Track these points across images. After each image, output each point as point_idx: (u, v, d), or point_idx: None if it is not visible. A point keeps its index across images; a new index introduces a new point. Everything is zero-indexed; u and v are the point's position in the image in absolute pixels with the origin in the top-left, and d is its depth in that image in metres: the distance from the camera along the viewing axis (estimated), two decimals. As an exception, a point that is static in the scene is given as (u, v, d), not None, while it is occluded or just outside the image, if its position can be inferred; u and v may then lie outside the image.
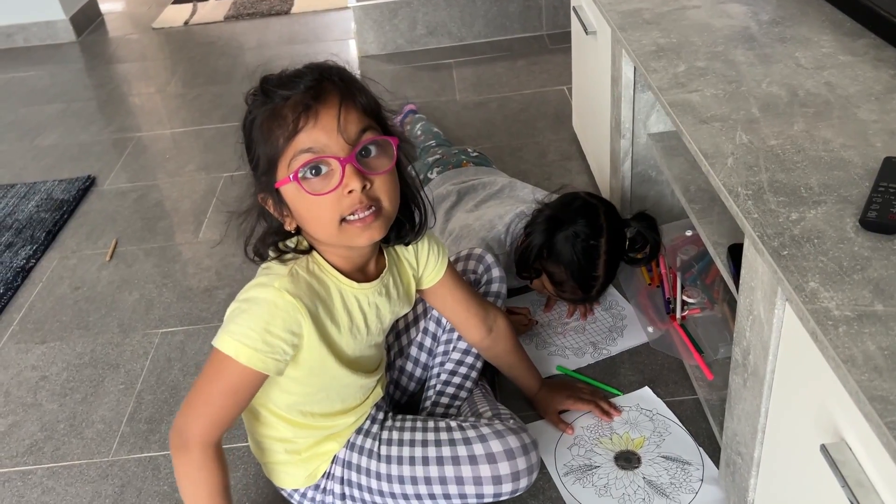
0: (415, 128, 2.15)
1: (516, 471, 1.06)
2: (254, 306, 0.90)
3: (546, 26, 2.96)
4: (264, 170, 0.89)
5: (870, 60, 1.15)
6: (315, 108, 0.85)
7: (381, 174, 0.89)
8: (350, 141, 0.86)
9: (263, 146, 0.88)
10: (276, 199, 0.91)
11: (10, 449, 1.42)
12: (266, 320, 0.90)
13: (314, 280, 0.95)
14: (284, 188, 0.89)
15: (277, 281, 0.91)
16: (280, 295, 0.90)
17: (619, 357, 1.45)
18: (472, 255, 1.32)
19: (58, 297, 1.82)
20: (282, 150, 0.86)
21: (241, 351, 0.89)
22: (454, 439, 1.08)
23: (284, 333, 0.91)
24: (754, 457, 0.98)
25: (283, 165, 0.87)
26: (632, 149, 1.57)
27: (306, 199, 0.88)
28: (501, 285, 1.32)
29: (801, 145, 0.98)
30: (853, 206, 0.85)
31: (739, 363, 0.99)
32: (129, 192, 2.23)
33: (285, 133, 0.85)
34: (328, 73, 0.89)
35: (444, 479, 1.07)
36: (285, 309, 0.90)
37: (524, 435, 1.09)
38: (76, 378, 1.57)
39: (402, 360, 1.30)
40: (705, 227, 1.20)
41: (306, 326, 0.93)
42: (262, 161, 0.89)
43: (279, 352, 0.91)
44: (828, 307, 0.72)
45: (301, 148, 0.85)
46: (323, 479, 1.12)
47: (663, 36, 1.33)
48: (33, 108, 2.88)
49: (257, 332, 0.89)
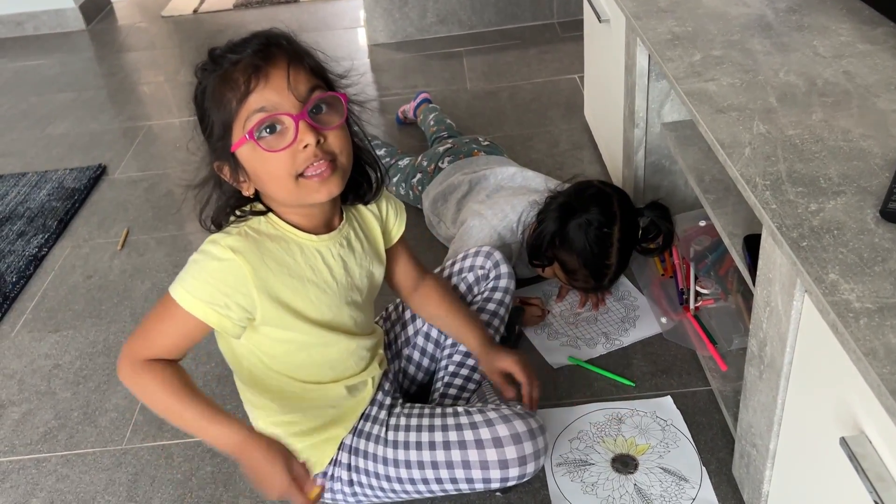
0: (427, 118, 2.14)
1: (523, 455, 1.05)
2: (202, 259, 0.93)
3: (557, 14, 2.94)
4: (219, 135, 0.91)
5: (889, 49, 1.14)
6: (265, 68, 0.87)
7: (333, 129, 0.92)
8: (301, 98, 0.89)
9: (217, 112, 0.90)
10: (233, 164, 0.93)
11: (25, 436, 1.43)
12: (210, 273, 0.92)
13: (266, 238, 0.96)
14: (240, 151, 0.91)
15: (225, 238, 0.93)
16: (223, 252, 0.92)
17: (631, 348, 1.44)
18: (482, 252, 1.33)
19: (70, 285, 1.83)
20: (235, 112, 0.88)
21: (185, 298, 0.92)
22: (461, 424, 1.08)
23: (226, 287, 0.92)
24: (770, 449, 0.97)
25: (238, 127, 0.89)
26: (645, 138, 1.56)
27: (263, 158, 0.89)
28: (510, 281, 1.32)
29: (820, 135, 0.97)
30: (873, 197, 0.84)
31: (755, 355, 0.99)
32: (139, 181, 2.24)
33: (237, 95, 0.87)
34: (274, 37, 0.91)
35: (451, 463, 1.07)
36: (228, 264, 0.93)
37: (531, 420, 1.08)
38: (89, 366, 1.58)
39: (409, 349, 1.30)
40: (720, 217, 1.19)
41: (251, 282, 0.93)
42: (216, 127, 0.91)
43: (221, 305, 0.92)
44: (848, 299, 0.72)
45: (254, 108, 0.87)
46: (330, 466, 1.12)
47: (679, 24, 1.32)
48: (44, 96, 2.88)
49: (201, 282, 0.92)
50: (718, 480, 1.18)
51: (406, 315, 1.31)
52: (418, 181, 1.81)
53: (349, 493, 1.14)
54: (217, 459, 1.33)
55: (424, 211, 1.77)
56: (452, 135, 2.02)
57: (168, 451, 1.36)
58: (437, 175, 1.76)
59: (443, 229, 1.69)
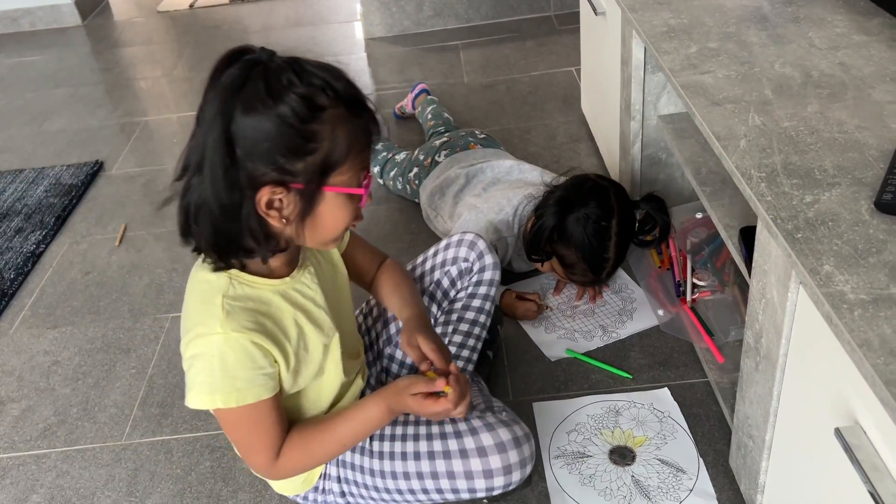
0: (425, 111, 2.14)
1: (507, 464, 1.03)
2: (210, 360, 0.88)
3: (554, 7, 2.94)
4: (316, 168, 0.83)
5: (885, 40, 1.14)
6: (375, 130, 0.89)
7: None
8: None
9: (330, 146, 0.83)
10: (307, 198, 0.85)
11: (25, 433, 1.43)
12: (230, 365, 0.89)
13: (249, 302, 0.91)
14: (329, 193, 0.86)
15: (218, 325, 0.88)
16: (227, 338, 0.88)
17: (628, 340, 1.45)
18: (464, 241, 1.25)
19: (68, 282, 1.83)
20: (348, 160, 0.85)
21: (229, 398, 0.90)
22: (445, 433, 1.06)
23: (253, 363, 0.90)
24: (766, 440, 0.98)
25: (346, 174, 0.86)
26: (642, 131, 1.56)
27: (346, 207, 0.89)
28: (495, 272, 1.26)
29: (815, 127, 0.97)
30: (868, 189, 0.85)
31: (752, 347, 0.99)
32: (137, 177, 2.24)
33: (358, 148, 0.87)
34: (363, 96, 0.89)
35: (436, 473, 1.06)
36: (241, 347, 0.89)
37: (516, 427, 1.07)
38: (88, 363, 1.58)
39: (390, 348, 1.26)
40: (717, 209, 1.19)
41: (268, 344, 0.91)
42: (317, 158, 0.83)
43: (260, 379, 0.91)
44: (843, 290, 0.72)
45: (366, 164, 0.90)
46: (320, 480, 1.12)
47: (674, 16, 1.31)
48: (40, 92, 2.87)
49: (229, 377, 0.89)
50: (715, 471, 1.18)
51: (387, 313, 1.27)
52: (415, 175, 1.81)
53: (342, 503, 1.14)
54: (216, 455, 1.33)
55: (422, 205, 1.77)
56: (449, 129, 2.02)
57: (167, 446, 1.36)
58: (434, 169, 1.76)
59: (440, 223, 1.69)
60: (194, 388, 0.90)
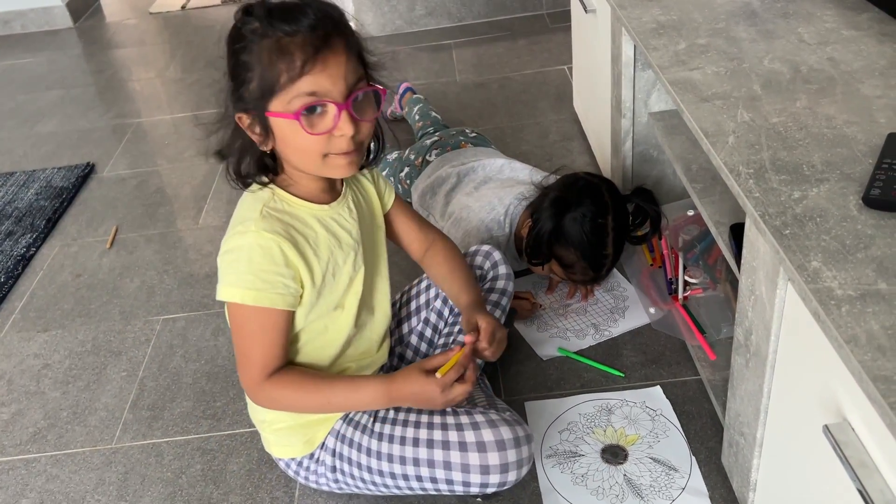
0: (412, 111, 2.13)
1: (505, 462, 1.04)
2: (240, 253, 0.95)
3: (546, 5, 2.93)
4: (256, 95, 0.90)
5: (874, 35, 1.14)
6: (323, 52, 0.87)
7: (368, 121, 0.94)
8: (349, 88, 0.90)
9: (260, 73, 0.89)
10: (263, 123, 0.92)
11: (14, 437, 1.43)
12: (256, 261, 0.94)
13: (286, 216, 0.98)
14: (276, 119, 0.91)
15: (253, 224, 0.95)
16: (259, 236, 0.94)
17: (620, 338, 1.44)
18: (480, 251, 1.32)
19: (59, 284, 1.82)
20: (283, 86, 0.88)
21: (246, 294, 0.95)
22: (447, 423, 1.07)
23: (277, 267, 0.95)
24: (757, 437, 0.97)
25: (282, 100, 0.89)
26: (633, 128, 1.55)
27: (298, 133, 0.90)
28: (508, 282, 1.31)
29: (804, 122, 0.96)
30: (856, 184, 0.84)
31: (741, 343, 0.99)
32: (128, 179, 2.23)
33: (291, 72, 0.87)
34: (331, 17, 0.90)
35: (433, 462, 1.06)
36: (268, 246, 0.95)
37: (518, 428, 1.07)
38: (78, 366, 1.57)
39: (401, 347, 1.29)
40: (707, 206, 1.19)
41: (294, 256, 0.96)
42: (254, 85, 0.89)
43: (280, 286, 0.96)
44: (830, 287, 0.72)
45: (304, 90, 0.88)
46: (318, 448, 1.13)
47: (664, 13, 1.31)
48: (32, 94, 2.86)
49: (252, 273, 0.94)
50: (708, 469, 1.18)
51: (402, 313, 1.31)
52: (406, 175, 1.80)
53: (331, 478, 1.14)
54: (207, 457, 1.33)
55: (413, 205, 1.76)
56: (438, 128, 2.01)
57: (158, 449, 1.36)
58: (425, 168, 1.76)
59: (432, 222, 1.68)
60: (222, 280, 0.97)
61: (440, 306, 1.28)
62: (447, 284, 1.22)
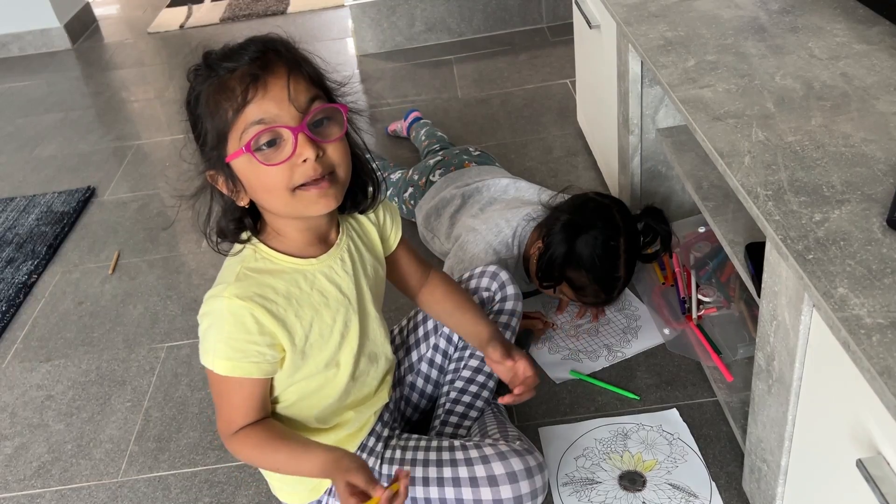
0: (419, 133, 2.11)
1: (519, 495, 1.02)
2: (213, 318, 0.92)
3: (546, 18, 2.92)
4: (213, 145, 0.87)
5: (886, 49, 1.12)
6: (263, 77, 0.84)
7: (332, 142, 0.88)
8: (300, 109, 0.85)
9: (211, 121, 0.86)
10: (228, 174, 0.89)
11: (18, 472, 1.40)
12: (227, 330, 0.91)
13: (265, 276, 0.93)
14: (235, 162, 0.87)
15: (226, 290, 0.91)
16: (231, 303, 0.90)
17: (634, 359, 1.41)
18: (487, 272, 1.28)
19: (61, 312, 1.79)
20: (231, 122, 0.85)
21: (217, 364, 0.92)
22: (456, 459, 1.04)
23: (250, 335, 0.91)
24: (781, 465, 0.95)
25: (234, 138, 0.85)
26: (641, 144, 1.53)
27: (259, 171, 0.86)
28: (517, 303, 1.28)
29: (821, 141, 0.94)
30: (879, 205, 0.82)
31: (763, 369, 0.96)
32: (130, 202, 2.21)
33: (234, 105, 0.84)
34: (272, 43, 0.88)
35: (445, 501, 1.04)
36: (240, 314, 0.90)
37: (530, 458, 1.05)
38: (82, 396, 1.55)
39: (412, 375, 1.27)
40: (720, 224, 1.16)
41: (270, 322, 0.92)
42: (209, 136, 0.87)
43: (253, 354, 0.92)
44: (859, 314, 0.69)
45: (252, 120, 0.84)
46: (325, 495, 1.10)
47: (670, 29, 1.29)
48: (31, 118, 2.85)
49: (224, 341, 0.91)
50: (729, 495, 1.15)
51: (410, 340, 1.28)
52: (410, 195, 1.78)
53: None
54: (215, 490, 1.30)
55: (418, 226, 1.74)
56: (444, 146, 1.99)
57: (165, 482, 1.33)
58: (429, 189, 1.74)
59: (437, 244, 1.66)
60: (200, 344, 0.94)
61: (449, 331, 1.25)
62: (454, 319, 1.16)
